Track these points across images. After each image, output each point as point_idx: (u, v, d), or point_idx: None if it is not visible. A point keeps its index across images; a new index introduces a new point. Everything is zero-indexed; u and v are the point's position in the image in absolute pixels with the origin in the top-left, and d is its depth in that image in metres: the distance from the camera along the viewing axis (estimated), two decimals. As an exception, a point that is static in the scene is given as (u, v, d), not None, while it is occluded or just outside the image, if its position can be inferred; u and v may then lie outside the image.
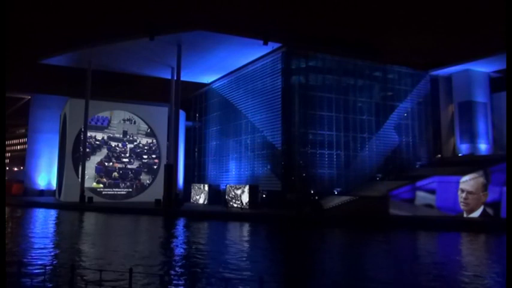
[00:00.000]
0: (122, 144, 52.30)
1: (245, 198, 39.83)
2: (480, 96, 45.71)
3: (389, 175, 42.19)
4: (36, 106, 60.11)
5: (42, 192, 58.88)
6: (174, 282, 13.31)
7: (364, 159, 42.87)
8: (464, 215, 32.66)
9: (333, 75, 43.17)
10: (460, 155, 45.06)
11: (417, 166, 44.75)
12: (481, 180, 33.07)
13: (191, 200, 47.93)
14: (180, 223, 32.45)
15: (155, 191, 46.20)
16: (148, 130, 53.37)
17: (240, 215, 35.58)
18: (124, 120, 52.60)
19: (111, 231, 28.06)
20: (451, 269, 16.17)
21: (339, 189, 40.34)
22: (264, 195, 41.43)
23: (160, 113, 52.43)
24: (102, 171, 50.82)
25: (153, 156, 53.37)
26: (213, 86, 54.83)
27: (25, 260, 15.23)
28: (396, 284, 13.69)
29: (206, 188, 46.22)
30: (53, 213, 38.97)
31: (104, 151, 51.39)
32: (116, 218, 35.42)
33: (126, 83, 62.66)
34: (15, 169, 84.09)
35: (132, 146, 52.58)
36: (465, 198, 32.84)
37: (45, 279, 11.97)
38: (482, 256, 20.06)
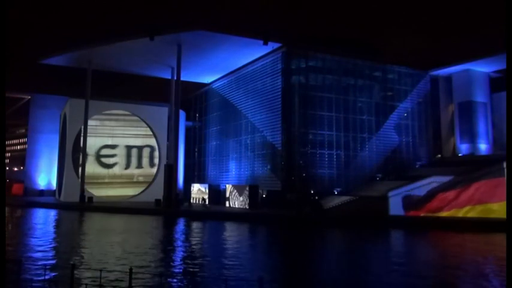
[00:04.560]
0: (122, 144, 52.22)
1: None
2: (480, 96, 45.70)
3: (390, 175, 42.20)
4: (36, 106, 60.09)
5: (42, 192, 58.85)
6: (174, 281, 13.31)
7: (364, 159, 42.87)
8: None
9: (333, 75, 43.18)
10: (460, 155, 45.05)
11: (417, 166, 44.74)
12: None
13: (191, 200, 47.86)
14: (180, 223, 32.44)
15: (155, 191, 46.20)
16: (149, 130, 53.31)
17: (240, 215, 35.55)
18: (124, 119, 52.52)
19: (111, 231, 28.03)
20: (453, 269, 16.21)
21: (339, 189, 40.33)
22: (264, 195, 41.42)
23: (160, 113, 52.37)
24: (102, 171, 50.72)
25: (153, 156, 53.31)
26: (213, 86, 54.82)
27: (26, 260, 15.23)
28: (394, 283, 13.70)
29: (206, 188, 46.20)
30: (53, 213, 38.96)
31: (104, 151, 51.27)
32: (116, 218, 35.38)
33: (126, 83, 62.68)
34: (15, 169, 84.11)
35: (131, 145, 52.50)
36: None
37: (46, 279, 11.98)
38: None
